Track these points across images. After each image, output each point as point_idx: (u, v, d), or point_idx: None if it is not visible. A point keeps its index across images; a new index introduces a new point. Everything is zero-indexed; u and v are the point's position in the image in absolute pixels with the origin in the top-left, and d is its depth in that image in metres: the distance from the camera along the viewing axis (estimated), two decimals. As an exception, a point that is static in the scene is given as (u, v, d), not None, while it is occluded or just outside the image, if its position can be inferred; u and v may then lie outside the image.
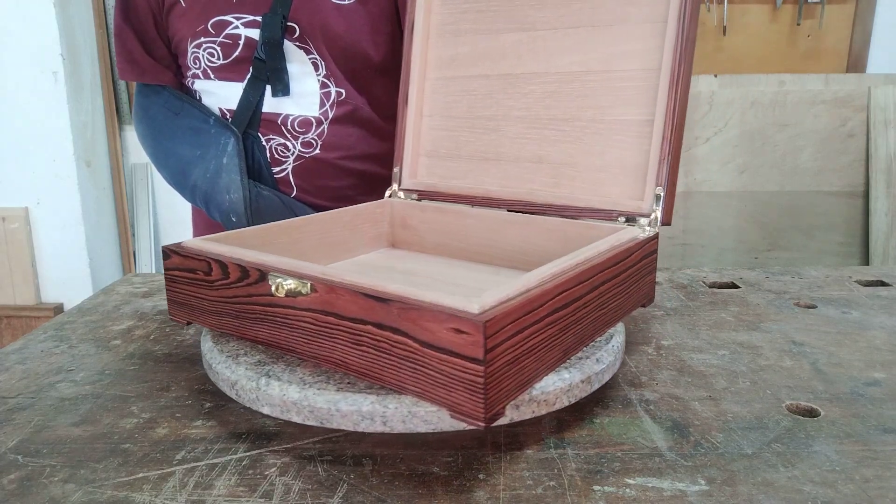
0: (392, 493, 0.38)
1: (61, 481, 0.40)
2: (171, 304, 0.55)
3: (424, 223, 0.71)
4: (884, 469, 0.40)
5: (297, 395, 0.44)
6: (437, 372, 0.38)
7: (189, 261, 0.51)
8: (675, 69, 0.56)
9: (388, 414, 0.42)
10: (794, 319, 0.66)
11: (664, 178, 0.57)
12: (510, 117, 0.68)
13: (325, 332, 0.44)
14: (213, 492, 0.38)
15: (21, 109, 1.94)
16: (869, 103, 1.84)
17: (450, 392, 0.38)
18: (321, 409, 0.43)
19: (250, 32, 0.85)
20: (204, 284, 0.51)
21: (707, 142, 1.88)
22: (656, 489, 0.38)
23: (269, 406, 0.45)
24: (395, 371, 0.41)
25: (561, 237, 0.62)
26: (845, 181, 1.86)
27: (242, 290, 0.48)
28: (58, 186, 1.99)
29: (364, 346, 0.42)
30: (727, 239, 1.91)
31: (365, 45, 0.86)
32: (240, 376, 0.47)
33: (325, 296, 0.43)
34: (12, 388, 0.52)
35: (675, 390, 0.51)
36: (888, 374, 0.53)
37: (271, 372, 0.46)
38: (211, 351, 0.51)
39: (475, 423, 0.37)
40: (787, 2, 2.10)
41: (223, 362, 0.49)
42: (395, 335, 0.40)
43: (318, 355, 0.45)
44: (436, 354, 0.38)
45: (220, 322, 0.51)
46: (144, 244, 2.20)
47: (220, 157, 0.88)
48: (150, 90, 0.93)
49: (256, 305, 0.47)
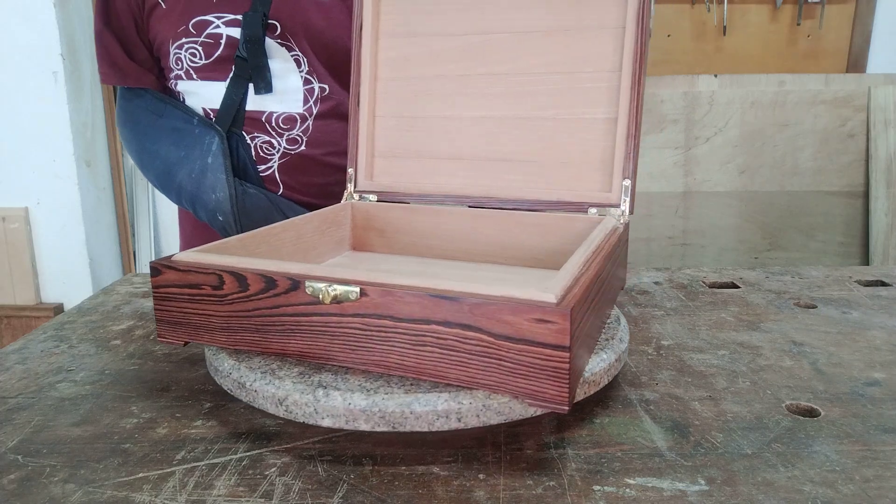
0: (392, 493, 0.38)
1: (61, 481, 0.40)
2: (161, 324, 0.50)
3: (391, 224, 0.71)
4: (884, 469, 0.40)
5: (364, 403, 0.42)
6: (514, 363, 0.39)
7: (190, 275, 0.47)
8: (635, 70, 0.61)
9: (463, 410, 0.42)
10: (794, 319, 0.66)
11: (630, 171, 0.61)
12: (471, 117, 0.68)
13: (378, 335, 0.43)
14: (213, 492, 0.38)
15: (21, 109, 1.94)
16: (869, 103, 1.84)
17: (529, 381, 0.39)
18: (394, 414, 0.41)
19: (232, 31, 0.86)
20: (212, 300, 0.47)
21: (707, 142, 1.88)
22: (656, 489, 0.38)
23: (332, 417, 0.42)
24: (464, 367, 0.41)
25: (540, 230, 0.64)
26: (845, 181, 1.86)
27: (266, 301, 0.45)
28: (58, 186, 1.99)
29: (428, 346, 0.41)
30: (727, 239, 1.91)
31: (347, 41, 0.86)
32: (289, 391, 0.43)
33: (378, 299, 0.42)
34: (12, 388, 0.52)
35: (675, 390, 0.51)
36: (888, 374, 0.53)
37: (323, 382, 0.44)
38: (237, 369, 0.46)
39: (559, 409, 0.39)
40: (787, 2, 2.10)
41: (262, 379, 0.44)
42: (467, 332, 0.40)
43: (367, 360, 0.44)
44: (514, 346, 0.39)
45: (233, 338, 0.47)
46: (144, 244, 2.20)
47: (205, 156, 0.88)
48: (133, 94, 0.93)
49: (286, 316, 0.45)
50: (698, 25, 2.14)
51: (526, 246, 0.65)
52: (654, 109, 1.88)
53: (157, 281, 0.49)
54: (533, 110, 0.66)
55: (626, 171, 0.61)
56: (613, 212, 0.61)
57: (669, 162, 1.90)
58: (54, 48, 1.91)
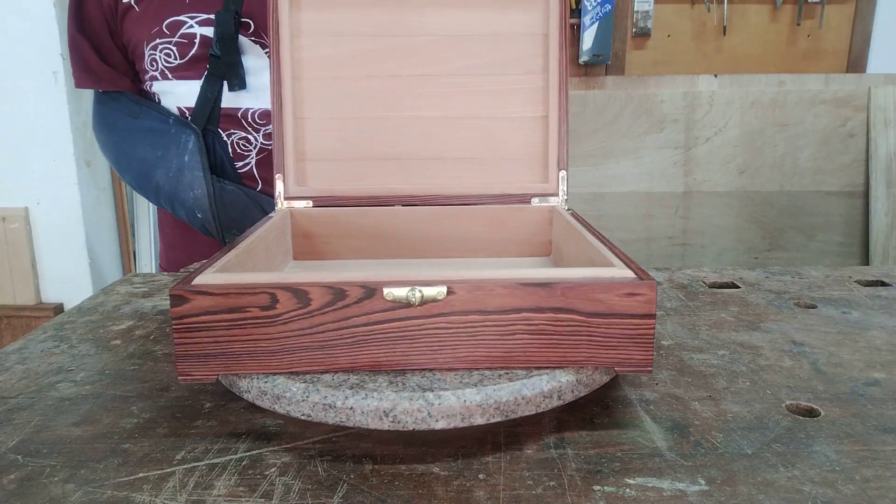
0: (392, 493, 0.38)
1: (61, 481, 0.40)
2: (185, 361, 0.43)
3: (337, 229, 0.68)
4: (884, 469, 0.40)
5: (478, 397, 0.41)
6: (604, 336, 0.43)
7: (231, 299, 0.42)
8: (561, 73, 0.68)
9: (563, 388, 0.44)
10: (794, 319, 0.66)
11: (565, 162, 0.68)
12: (404, 118, 0.69)
13: (464, 331, 0.43)
14: (213, 492, 0.38)
15: (21, 109, 1.94)
16: (869, 103, 1.84)
17: (618, 351, 0.44)
18: (507, 403, 0.42)
19: (205, 31, 0.87)
20: (260, 322, 0.43)
21: (707, 142, 1.88)
22: (656, 489, 0.38)
23: (447, 418, 0.41)
24: (555, 348, 0.44)
25: (493, 222, 0.68)
26: (845, 181, 1.86)
27: (332, 314, 0.43)
28: (58, 186, 1.99)
29: (518, 334, 0.43)
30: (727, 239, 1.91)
31: None
32: (395, 401, 0.41)
33: (466, 295, 0.42)
34: (12, 388, 0.52)
35: (675, 390, 0.51)
36: (888, 374, 0.53)
37: (421, 385, 0.42)
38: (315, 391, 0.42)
39: (645, 371, 0.44)
40: (787, 2, 2.10)
41: (356, 395, 0.41)
42: (559, 314, 0.43)
43: (453, 358, 0.44)
44: (604, 321, 0.43)
45: (287, 361, 0.43)
46: (144, 244, 2.20)
47: (182, 155, 0.89)
48: (108, 97, 0.93)
49: (357, 328, 0.43)
50: (698, 25, 2.14)
51: (483, 238, 0.68)
52: (654, 109, 1.88)
53: (182, 311, 0.42)
54: (466, 110, 0.69)
55: (562, 163, 0.68)
56: (553, 200, 0.68)
57: (669, 162, 1.90)
58: (54, 48, 1.91)
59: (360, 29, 0.69)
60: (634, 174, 1.90)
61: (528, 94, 0.69)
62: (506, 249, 0.69)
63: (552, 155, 0.68)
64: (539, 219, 0.69)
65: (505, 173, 0.69)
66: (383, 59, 0.69)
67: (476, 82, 0.69)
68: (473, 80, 0.69)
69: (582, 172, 1.91)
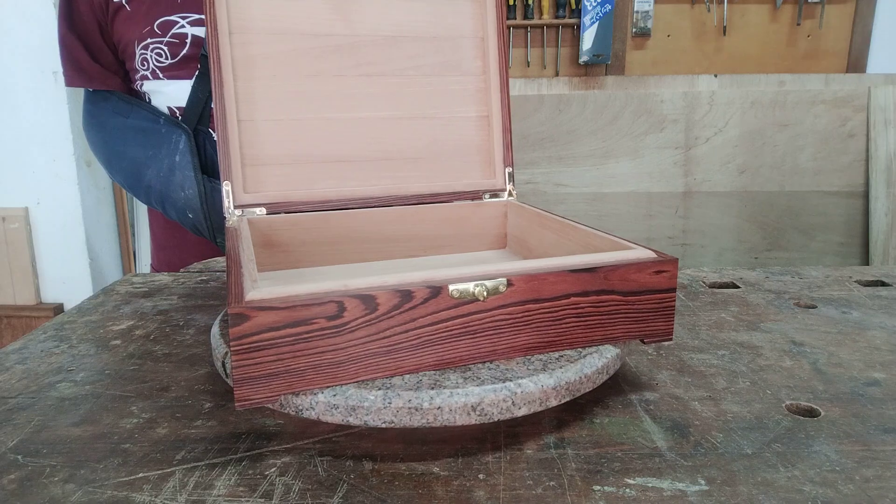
0: (392, 493, 0.38)
1: (61, 481, 0.40)
2: (244, 385, 0.40)
3: (297, 236, 0.65)
4: (884, 469, 0.40)
5: (551, 381, 0.43)
6: (638, 311, 0.48)
7: (297, 311, 0.40)
8: (501, 75, 0.71)
9: (608, 364, 0.47)
10: (794, 319, 0.66)
11: (510, 159, 0.72)
12: (352, 118, 0.68)
13: (521, 321, 0.45)
14: (213, 492, 0.38)
15: (21, 109, 1.94)
16: (869, 103, 1.84)
17: (645, 324, 0.48)
18: (573, 383, 0.44)
19: (196, 31, 0.87)
20: (327, 333, 0.41)
21: (707, 142, 1.88)
22: (656, 489, 0.38)
23: (528, 404, 0.43)
24: (598, 328, 0.47)
25: (452, 219, 0.70)
26: (845, 181, 1.86)
27: (398, 318, 0.42)
28: (58, 186, 1.99)
29: (567, 318, 0.46)
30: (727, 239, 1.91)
31: None
32: (481, 394, 0.41)
33: (524, 286, 0.45)
34: (12, 388, 0.52)
35: (675, 390, 0.51)
36: (888, 374, 0.53)
37: (495, 376, 0.43)
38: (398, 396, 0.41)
39: (667, 339, 0.50)
40: (787, 2, 2.10)
41: (443, 394, 0.41)
42: (601, 296, 0.47)
43: (511, 346, 0.46)
44: (638, 298, 0.48)
45: (353, 370, 0.42)
46: (144, 244, 2.20)
47: (173, 155, 0.88)
48: (99, 96, 0.93)
49: (422, 328, 0.43)
50: (698, 25, 2.14)
51: (446, 235, 0.70)
52: (654, 109, 1.88)
53: (242, 330, 0.39)
54: (413, 110, 0.70)
55: (507, 160, 0.72)
56: (502, 195, 0.72)
57: (669, 162, 1.90)
58: (54, 48, 1.90)
59: (302, 27, 0.66)
60: (634, 174, 1.90)
61: (470, 95, 0.71)
62: (465, 244, 0.72)
63: (497, 153, 0.71)
64: (496, 213, 0.72)
65: (454, 172, 0.71)
66: (327, 58, 0.67)
67: (420, 83, 0.70)
68: (417, 81, 0.70)
69: (582, 172, 1.91)
